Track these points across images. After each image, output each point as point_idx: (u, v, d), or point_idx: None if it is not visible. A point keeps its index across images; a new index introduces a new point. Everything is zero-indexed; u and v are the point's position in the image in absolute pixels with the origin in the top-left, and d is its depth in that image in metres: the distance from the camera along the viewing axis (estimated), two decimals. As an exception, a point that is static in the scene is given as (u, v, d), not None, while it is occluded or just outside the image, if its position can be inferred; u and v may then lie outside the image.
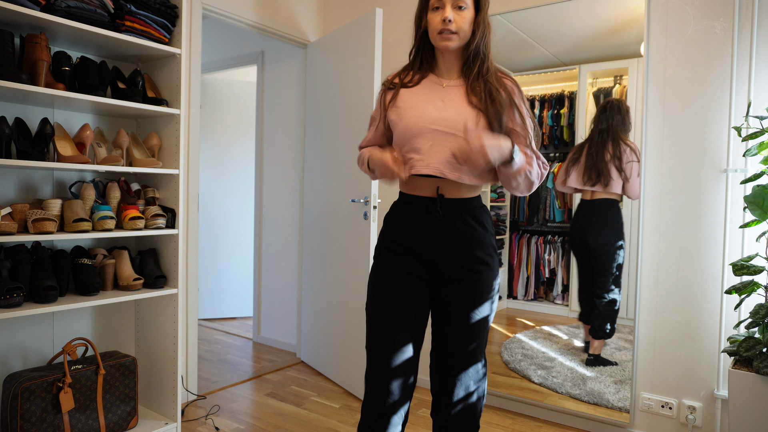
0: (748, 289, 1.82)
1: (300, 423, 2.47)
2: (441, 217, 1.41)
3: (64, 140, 1.99)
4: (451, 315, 1.44)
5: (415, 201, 1.45)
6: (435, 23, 1.41)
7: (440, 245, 1.43)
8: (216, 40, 4.14)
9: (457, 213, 1.42)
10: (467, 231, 1.42)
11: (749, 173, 2.04)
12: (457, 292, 1.43)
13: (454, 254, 1.42)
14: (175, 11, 2.16)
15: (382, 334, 1.42)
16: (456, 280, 1.43)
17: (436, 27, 1.40)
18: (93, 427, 1.98)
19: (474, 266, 1.43)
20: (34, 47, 1.81)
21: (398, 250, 1.46)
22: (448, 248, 1.42)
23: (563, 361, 2.56)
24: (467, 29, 1.41)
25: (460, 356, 1.44)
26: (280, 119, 3.64)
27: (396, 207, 1.52)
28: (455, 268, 1.43)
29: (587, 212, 2.54)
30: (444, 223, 1.42)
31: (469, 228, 1.43)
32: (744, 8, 2.05)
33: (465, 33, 1.41)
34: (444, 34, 1.39)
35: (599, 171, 2.43)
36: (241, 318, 4.46)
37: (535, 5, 2.55)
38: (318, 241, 3.15)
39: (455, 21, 1.38)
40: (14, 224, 1.72)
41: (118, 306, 2.33)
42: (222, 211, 4.36)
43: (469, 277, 1.43)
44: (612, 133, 2.42)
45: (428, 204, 1.43)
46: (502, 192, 2.81)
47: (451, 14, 1.38)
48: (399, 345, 1.42)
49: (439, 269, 1.44)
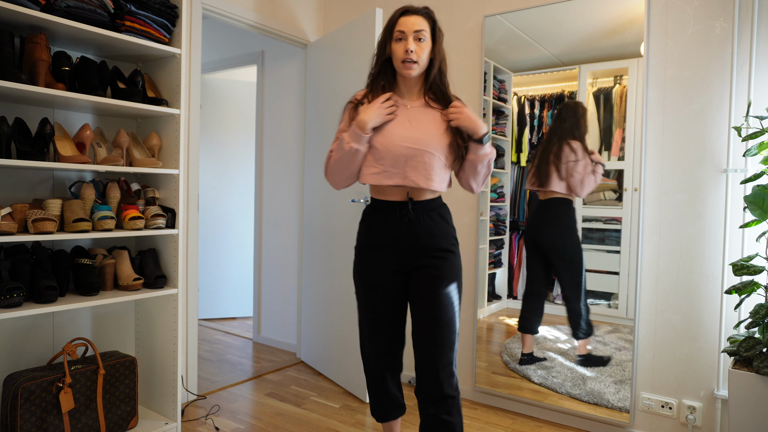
0: (748, 289, 1.82)
1: (300, 423, 2.47)
2: (413, 217, 1.66)
3: (64, 140, 1.99)
4: (426, 295, 1.68)
5: (389, 205, 1.70)
6: (399, 53, 1.63)
7: (413, 240, 1.67)
8: (216, 40, 4.14)
9: (426, 212, 1.68)
10: (434, 226, 1.68)
11: (749, 173, 2.04)
12: (430, 276, 1.68)
13: (425, 246, 1.68)
14: (175, 11, 2.16)
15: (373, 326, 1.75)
16: (427, 267, 1.68)
17: (400, 56, 1.63)
18: (93, 427, 1.98)
19: (441, 254, 1.68)
20: (34, 47, 1.81)
21: (377, 249, 1.72)
22: (420, 242, 1.67)
23: (563, 361, 2.56)
24: (425, 58, 1.65)
25: (438, 328, 1.67)
26: (280, 119, 3.64)
27: (371, 210, 1.76)
28: (426, 257, 1.68)
29: (540, 211, 2.64)
30: (415, 221, 1.67)
31: (435, 224, 1.69)
32: (744, 8, 2.05)
33: (423, 62, 1.65)
34: (407, 63, 1.62)
35: (541, 171, 2.55)
36: (241, 318, 4.46)
37: (535, 5, 2.55)
38: (318, 241, 3.14)
39: (416, 51, 1.61)
40: (14, 224, 1.72)
41: (118, 306, 2.33)
42: (222, 211, 4.36)
43: (437, 263, 1.68)
44: (560, 134, 2.51)
45: (400, 207, 1.68)
46: (502, 192, 2.81)
47: (413, 45, 1.61)
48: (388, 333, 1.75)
49: (412, 260, 1.69)
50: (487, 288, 2.83)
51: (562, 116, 2.55)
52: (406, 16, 1.64)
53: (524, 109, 2.74)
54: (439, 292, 1.66)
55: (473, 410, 2.64)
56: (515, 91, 2.75)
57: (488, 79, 2.74)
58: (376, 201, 1.73)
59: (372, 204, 1.76)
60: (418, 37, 1.61)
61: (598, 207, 2.51)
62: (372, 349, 1.79)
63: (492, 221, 2.82)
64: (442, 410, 1.66)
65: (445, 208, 1.74)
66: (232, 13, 2.84)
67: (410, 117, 1.67)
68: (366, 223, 1.76)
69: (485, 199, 2.77)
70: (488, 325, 2.82)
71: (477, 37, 2.74)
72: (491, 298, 2.86)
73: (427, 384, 1.67)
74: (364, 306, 1.77)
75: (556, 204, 2.54)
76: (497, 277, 2.87)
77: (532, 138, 2.73)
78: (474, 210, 2.76)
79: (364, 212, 1.79)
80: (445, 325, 1.66)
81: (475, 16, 2.75)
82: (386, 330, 1.75)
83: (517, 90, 2.75)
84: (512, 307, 2.80)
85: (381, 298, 1.72)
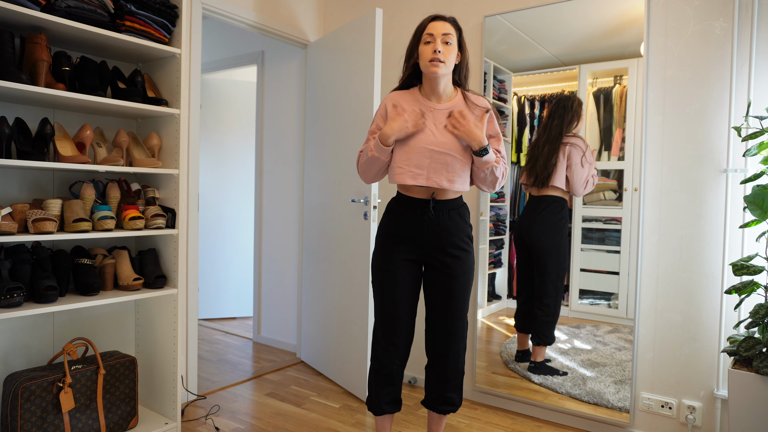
0: (748, 289, 1.82)
1: (300, 423, 2.47)
2: (433, 215, 1.79)
3: (64, 140, 1.99)
4: (441, 289, 1.84)
5: (413, 202, 1.83)
6: (427, 53, 1.74)
7: (431, 235, 1.81)
8: (216, 40, 4.14)
9: (446, 211, 1.81)
10: (452, 224, 1.81)
11: (749, 173, 2.04)
12: (445, 271, 1.82)
13: (442, 242, 1.81)
14: (175, 11, 2.16)
15: (389, 311, 1.86)
16: (442, 262, 1.82)
17: (428, 56, 1.74)
18: (93, 427, 1.99)
19: (456, 252, 1.82)
20: (34, 47, 1.81)
21: (397, 239, 1.85)
22: (437, 238, 1.81)
23: (563, 361, 2.56)
24: (451, 61, 1.77)
25: (452, 319, 1.84)
26: (280, 119, 3.64)
27: (396, 203, 1.89)
28: (442, 253, 1.82)
29: (530, 207, 2.65)
30: (435, 219, 1.80)
31: (453, 221, 1.82)
32: (744, 8, 2.05)
33: (450, 63, 1.76)
34: (434, 62, 1.73)
35: (535, 170, 2.55)
36: (241, 318, 4.46)
37: (535, 5, 2.55)
38: (318, 241, 3.15)
39: (443, 52, 1.73)
40: (14, 224, 1.72)
41: (118, 306, 2.33)
42: (222, 211, 4.36)
43: (452, 261, 1.82)
44: (551, 131, 2.51)
45: (423, 205, 1.81)
46: (502, 192, 2.81)
47: (440, 47, 1.73)
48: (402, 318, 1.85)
49: (429, 254, 1.83)
50: (487, 288, 2.83)
51: (553, 113, 2.53)
52: (436, 21, 1.76)
53: (524, 109, 2.74)
54: (453, 287, 1.82)
55: (473, 410, 2.64)
56: (515, 91, 2.75)
57: (488, 79, 2.74)
58: (402, 196, 1.86)
59: (397, 198, 1.88)
60: (445, 40, 1.73)
61: (598, 207, 2.51)
62: (383, 335, 1.88)
63: (492, 221, 2.82)
64: (449, 389, 1.88)
65: (465, 208, 1.87)
66: (232, 13, 2.84)
67: (435, 120, 1.79)
68: (389, 215, 1.89)
69: (485, 199, 2.78)
70: (488, 325, 2.83)
71: (477, 37, 2.74)
72: (491, 298, 2.86)
73: (440, 366, 1.88)
74: (380, 292, 1.87)
75: (548, 201, 2.54)
76: (497, 277, 2.87)
77: (532, 138, 2.73)
78: (474, 210, 2.76)
79: (388, 205, 1.91)
80: (458, 317, 1.84)
81: (475, 16, 2.75)
82: (399, 317, 1.85)
83: (517, 90, 2.75)
84: (512, 307, 2.80)
85: (396, 285, 1.83)
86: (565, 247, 2.53)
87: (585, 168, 2.43)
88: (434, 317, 1.88)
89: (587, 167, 2.43)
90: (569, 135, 2.47)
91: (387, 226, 1.89)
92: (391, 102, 1.85)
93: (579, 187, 2.45)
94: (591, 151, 2.43)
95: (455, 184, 1.78)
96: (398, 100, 1.85)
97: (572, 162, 2.45)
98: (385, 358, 1.88)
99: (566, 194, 2.52)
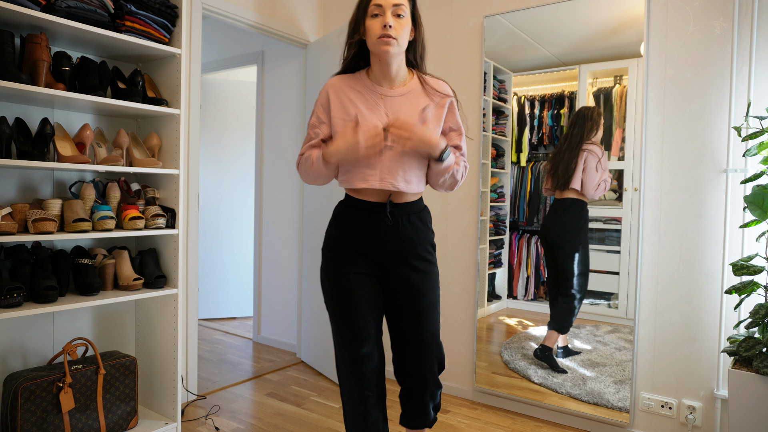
0: (748, 289, 1.82)
1: (300, 423, 2.47)
2: (391, 222, 1.52)
3: (64, 140, 1.99)
4: (409, 309, 1.56)
5: (365, 206, 1.53)
6: (376, 29, 1.45)
7: (390, 247, 1.53)
8: (216, 40, 4.14)
9: (406, 216, 1.54)
10: (414, 233, 1.54)
11: (749, 173, 2.04)
12: (411, 288, 1.55)
13: (403, 254, 1.54)
14: (175, 11, 2.16)
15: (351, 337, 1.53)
16: (406, 279, 1.55)
17: (377, 32, 1.45)
18: (93, 427, 1.98)
19: (420, 264, 1.55)
20: (35, 47, 1.81)
21: (349, 251, 1.55)
22: (397, 249, 1.54)
23: (563, 361, 2.56)
24: (405, 38, 1.48)
25: (421, 343, 1.57)
26: (280, 119, 3.64)
27: (344, 208, 1.59)
28: (404, 266, 1.54)
29: (553, 210, 2.69)
30: (393, 227, 1.52)
31: (415, 229, 1.55)
32: (744, 8, 2.05)
33: (403, 41, 1.47)
34: (384, 38, 1.44)
35: (556, 175, 2.60)
36: (241, 318, 4.46)
37: (535, 5, 2.55)
38: (318, 240, 3.14)
39: (395, 27, 1.44)
40: (14, 224, 1.72)
41: (118, 306, 2.33)
42: (222, 211, 4.36)
43: (416, 276, 1.55)
44: (571, 139, 2.54)
45: (378, 209, 1.52)
46: (502, 192, 2.81)
47: (391, 20, 1.43)
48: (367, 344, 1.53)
49: (387, 269, 1.55)
50: (487, 288, 2.83)
51: (574, 122, 2.58)
52: None
53: (524, 109, 2.74)
54: (422, 306, 1.55)
55: (473, 410, 2.64)
56: (515, 91, 2.75)
57: (488, 79, 2.74)
58: (351, 199, 1.56)
59: (346, 201, 1.58)
60: (396, 12, 1.45)
61: (598, 207, 2.51)
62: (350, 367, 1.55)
63: (492, 221, 2.82)
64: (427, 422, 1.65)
65: (426, 212, 1.61)
66: (232, 13, 2.84)
67: (387, 110, 1.51)
68: (338, 222, 1.59)
69: (485, 199, 2.78)
70: (488, 325, 2.82)
71: (477, 37, 2.74)
72: (491, 298, 2.86)
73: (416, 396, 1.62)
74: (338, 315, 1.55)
75: (568, 204, 2.59)
76: (497, 277, 2.87)
77: (532, 138, 2.73)
78: (474, 210, 2.76)
79: (336, 209, 1.61)
80: (432, 342, 1.59)
81: (475, 16, 2.75)
82: (365, 341, 1.52)
83: (517, 90, 2.75)
84: (512, 307, 2.80)
85: (357, 304, 1.52)
86: (586, 245, 2.57)
87: (599, 173, 2.48)
88: (403, 344, 1.59)
89: (601, 172, 2.48)
90: (588, 142, 2.50)
91: (336, 236, 1.57)
92: (333, 89, 1.55)
93: (591, 190, 2.50)
94: (606, 157, 2.48)
95: (413, 185, 1.51)
96: (341, 86, 1.55)
97: (587, 166, 2.50)
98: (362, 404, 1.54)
99: (583, 196, 2.56)
